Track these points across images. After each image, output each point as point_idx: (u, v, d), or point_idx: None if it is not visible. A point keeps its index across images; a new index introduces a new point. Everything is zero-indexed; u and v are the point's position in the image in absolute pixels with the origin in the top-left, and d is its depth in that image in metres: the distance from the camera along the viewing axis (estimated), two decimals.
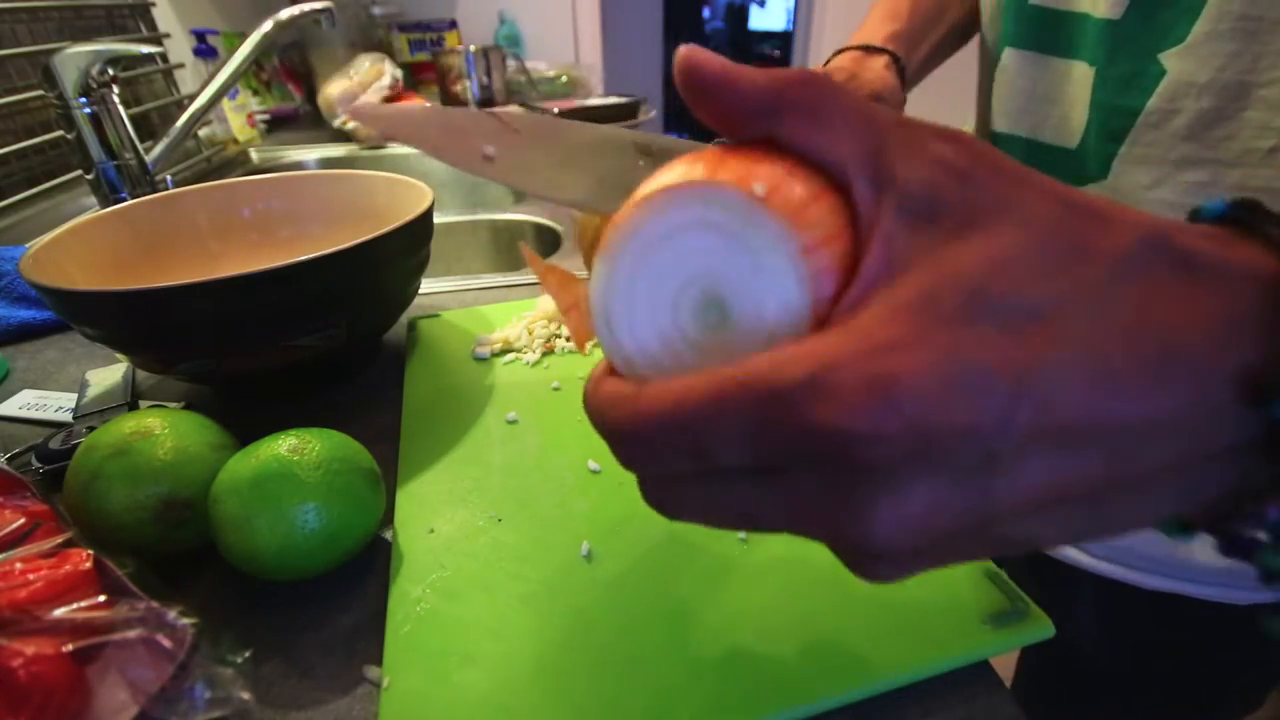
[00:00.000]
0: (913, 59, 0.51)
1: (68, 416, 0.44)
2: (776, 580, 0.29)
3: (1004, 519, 0.14)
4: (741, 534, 0.31)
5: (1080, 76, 0.39)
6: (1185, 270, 0.14)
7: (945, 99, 0.62)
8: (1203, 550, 0.41)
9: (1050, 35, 0.41)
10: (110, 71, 0.67)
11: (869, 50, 0.50)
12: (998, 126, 0.46)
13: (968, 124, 0.54)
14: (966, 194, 0.14)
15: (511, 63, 1.47)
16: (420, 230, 0.45)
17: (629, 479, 0.35)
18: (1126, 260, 0.14)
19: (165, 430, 0.31)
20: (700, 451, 0.15)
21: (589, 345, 0.20)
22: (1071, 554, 0.46)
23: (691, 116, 0.17)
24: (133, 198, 0.63)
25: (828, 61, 0.52)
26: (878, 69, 0.49)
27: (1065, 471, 0.14)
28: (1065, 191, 0.15)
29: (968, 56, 0.55)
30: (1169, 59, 0.34)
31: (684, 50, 0.17)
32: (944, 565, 0.16)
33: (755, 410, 0.14)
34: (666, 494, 0.17)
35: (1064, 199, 0.15)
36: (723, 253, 0.16)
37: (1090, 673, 0.51)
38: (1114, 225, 0.14)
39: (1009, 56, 0.44)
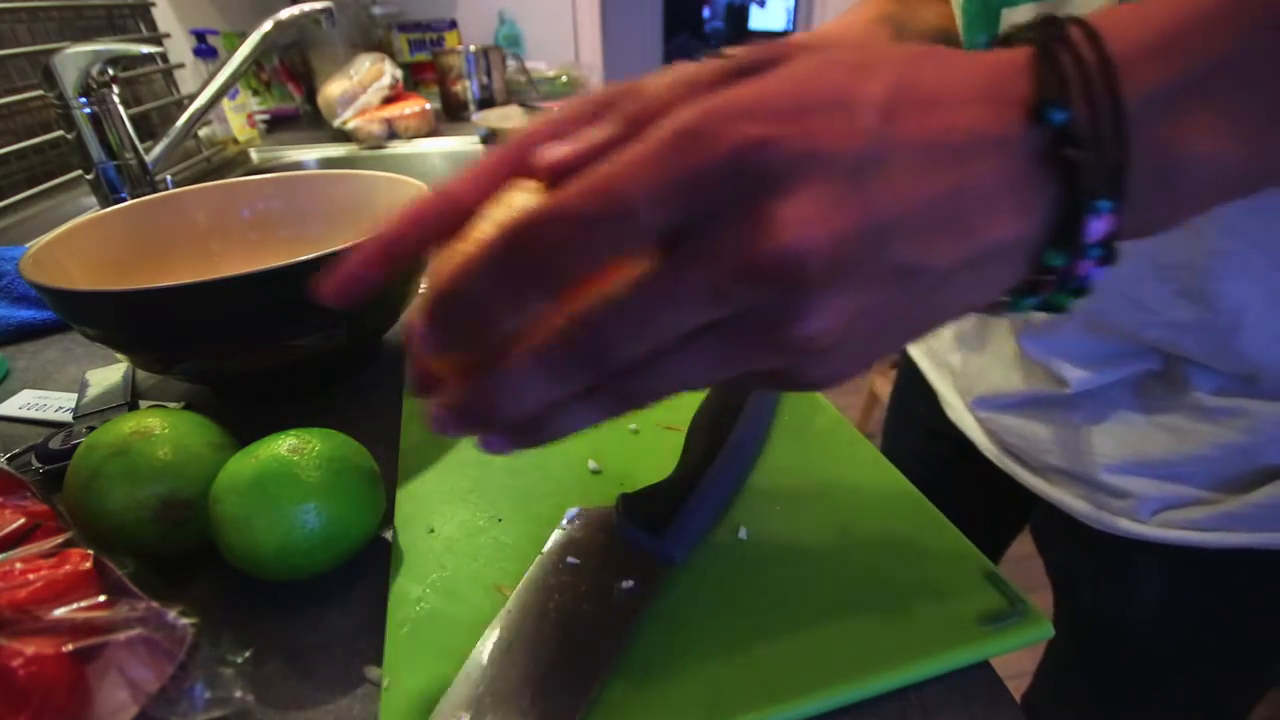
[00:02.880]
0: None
1: (68, 416, 0.44)
2: (772, 581, 0.29)
3: (894, 233, 0.16)
4: (741, 532, 0.31)
5: None
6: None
7: None
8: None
9: None
10: (110, 71, 0.67)
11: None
12: None
13: None
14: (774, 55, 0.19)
15: (511, 63, 1.47)
16: None
17: (629, 479, 0.36)
18: (916, 49, 0.18)
19: (165, 430, 0.31)
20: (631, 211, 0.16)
21: None
22: (1134, 527, 0.43)
23: None
24: (133, 198, 0.63)
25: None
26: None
27: (931, 180, 0.16)
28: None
29: None
30: None
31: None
32: (881, 348, 0.19)
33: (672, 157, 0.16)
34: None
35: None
36: None
37: (1146, 651, 0.49)
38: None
39: None
